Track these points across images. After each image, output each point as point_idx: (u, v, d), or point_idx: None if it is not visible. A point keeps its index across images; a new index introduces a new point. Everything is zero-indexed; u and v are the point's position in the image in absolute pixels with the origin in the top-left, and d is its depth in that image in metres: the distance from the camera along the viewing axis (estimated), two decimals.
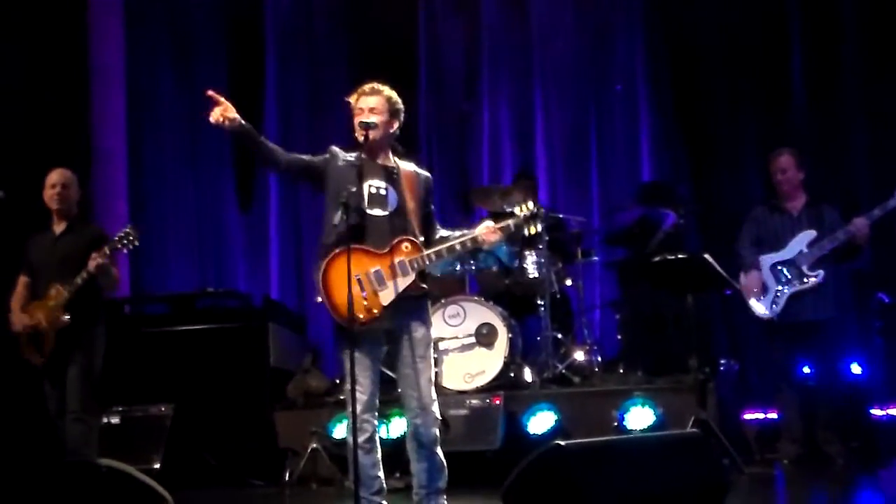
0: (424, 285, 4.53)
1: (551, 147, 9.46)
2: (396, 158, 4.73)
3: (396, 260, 4.48)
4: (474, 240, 4.51)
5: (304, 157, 4.72)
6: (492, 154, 9.54)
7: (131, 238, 5.83)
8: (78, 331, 5.88)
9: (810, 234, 6.59)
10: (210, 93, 4.56)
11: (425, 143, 9.44)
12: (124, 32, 8.90)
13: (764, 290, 6.59)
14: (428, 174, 4.80)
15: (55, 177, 6.14)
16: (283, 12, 9.77)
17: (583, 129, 9.38)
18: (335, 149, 4.70)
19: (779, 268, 6.58)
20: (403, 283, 4.47)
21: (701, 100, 8.83)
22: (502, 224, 4.50)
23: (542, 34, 9.49)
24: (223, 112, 4.54)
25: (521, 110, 9.56)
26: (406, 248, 4.50)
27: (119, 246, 5.82)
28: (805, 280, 6.52)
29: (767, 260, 6.63)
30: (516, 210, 4.52)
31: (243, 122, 4.61)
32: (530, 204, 4.49)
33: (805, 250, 6.56)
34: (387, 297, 4.46)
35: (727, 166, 8.61)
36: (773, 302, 6.56)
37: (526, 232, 4.54)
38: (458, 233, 4.71)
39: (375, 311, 4.45)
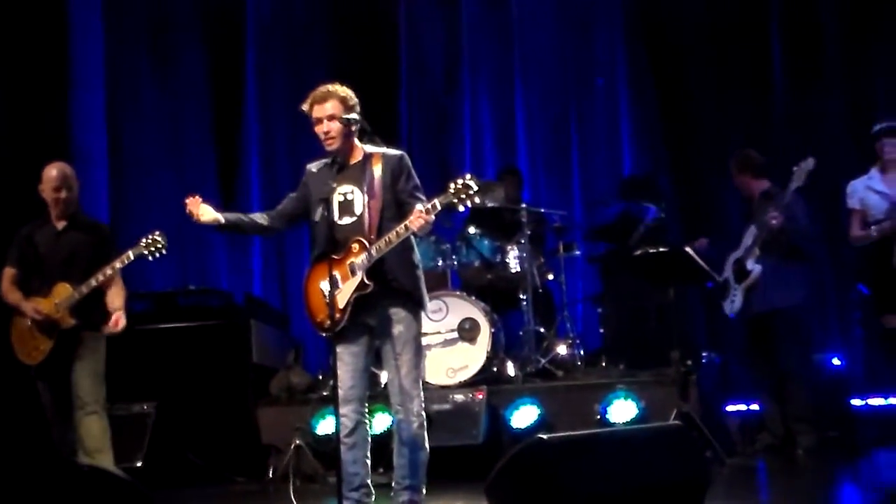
0: (369, 283, 4.50)
1: (532, 141, 9.46)
2: (364, 146, 4.70)
3: (348, 262, 4.54)
4: (406, 227, 4.44)
5: (288, 200, 4.87)
6: (473, 148, 9.53)
7: (159, 246, 5.45)
8: (82, 333, 5.64)
9: (753, 229, 6.66)
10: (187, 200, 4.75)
11: (406, 137, 9.41)
12: (103, 26, 8.84)
13: (726, 289, 6.71)
14: (399, 153, 4.70)
15: (55, 173, 5.71)
16: (263, 5, 9.73)
17: (564, 122, 9.40)
18: (309, 166, 4.80)
19: (735, 265, 6.70)
20: (353, 283, 4.52)
21: (681, 92, 8.85)
22: (428, 204, 4.41)
23: (523, 27, 9.49)
24: (197, 215, 4.74)
25: (501, 104, 9.56)
26: (355, 248, 4.54)
27: (145, 252, 5.44)
28: (747, 275, 6.60)
29: (731, 258, 6.72)
30: (451, 186, 4.37)
31: (220, 217, 4.76)
32: (467, 177, 4.40)
33: (749, 244, 6.64)
34: (342, 299, 4.55)
35: (708, 159, 8.62)
36: (732, 299, 6.68)
37: (461, 207, 4.38)
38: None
39: (337, 315, 4.54)
